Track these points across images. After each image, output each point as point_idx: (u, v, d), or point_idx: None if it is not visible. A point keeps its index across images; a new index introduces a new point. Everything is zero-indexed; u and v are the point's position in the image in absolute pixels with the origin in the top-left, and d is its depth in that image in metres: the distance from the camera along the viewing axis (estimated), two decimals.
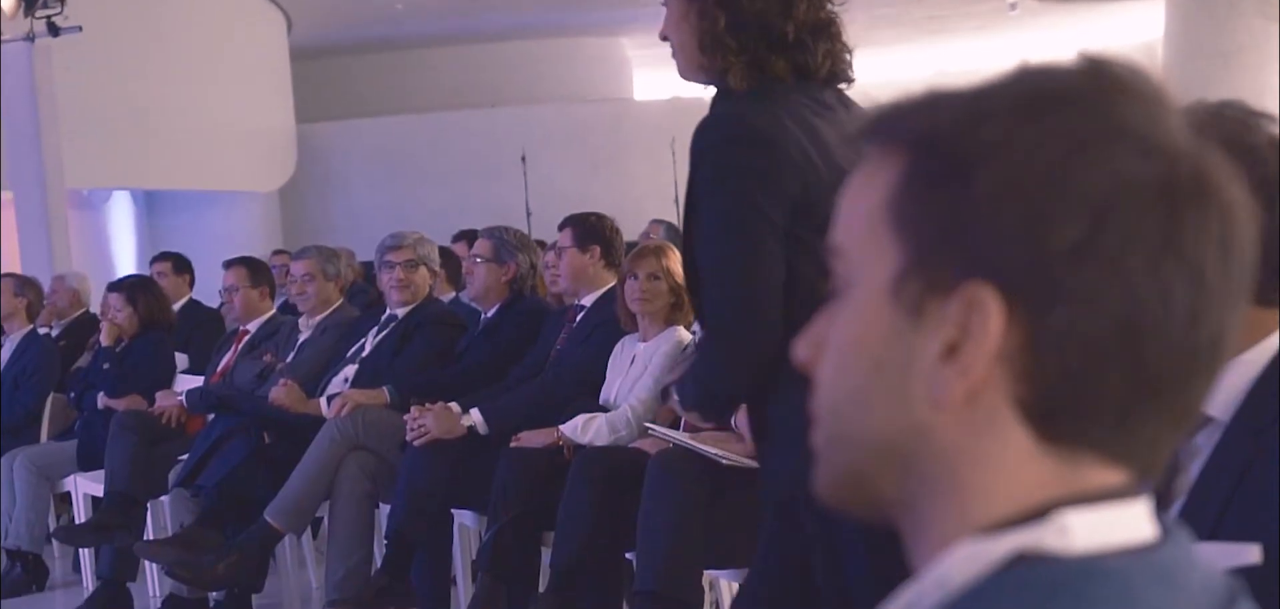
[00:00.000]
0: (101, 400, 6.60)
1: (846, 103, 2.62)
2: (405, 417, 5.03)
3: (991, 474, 0.81)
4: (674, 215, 14.27)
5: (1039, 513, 0.79)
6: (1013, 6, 19.86)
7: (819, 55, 2.53)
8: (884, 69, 25.84)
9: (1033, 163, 0.79)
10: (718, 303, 2.46)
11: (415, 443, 4.94)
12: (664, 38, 2.65)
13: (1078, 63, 0.83)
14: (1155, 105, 0.81)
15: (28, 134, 11.14)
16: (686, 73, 2.61)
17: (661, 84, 24.32)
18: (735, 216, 2.43)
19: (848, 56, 2.60)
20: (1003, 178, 0.79)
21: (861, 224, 0.85)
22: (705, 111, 2.58)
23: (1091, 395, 0.80)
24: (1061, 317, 0.78)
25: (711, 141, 2.47)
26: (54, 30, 10.88)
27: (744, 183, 2.42)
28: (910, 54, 24.68)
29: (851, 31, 2.64)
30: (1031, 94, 0.81)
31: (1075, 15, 21.59)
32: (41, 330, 7.75)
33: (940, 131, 0.82)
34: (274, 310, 6.66)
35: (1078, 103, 0.80)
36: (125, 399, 6.50)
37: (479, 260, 5.51)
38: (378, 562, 5.26)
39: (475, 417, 4.97)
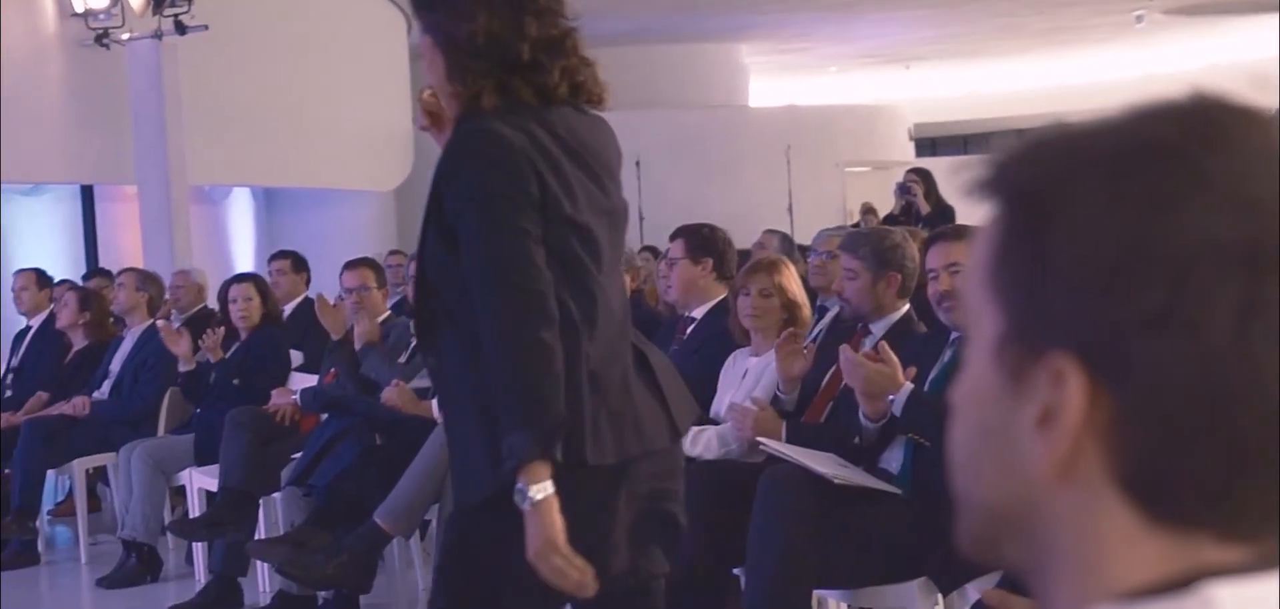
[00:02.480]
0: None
1: (592, 123, 2.69)
2: None
3: (1101, 551, 0.76)
4: (787, 224, 14.20)
5: (1166, 588, 0.74)
6: (1139, 19, 19.51)
7: (555, 75, 2.61)
8: (1005, 80, 25.56)
9: (1110, 225, 0.74)
10: (494, 313, 2.50)
11: None
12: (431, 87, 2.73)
13: (1181, 103, 0.77)
14: (1255, 153, 0.75)
15: (154, 130, 11.34)
16: (448, 106, 2.68)
17: (777, 91, 24.26)
18: (490, 223, 2.51)
19: (587, 74, 2.66)
20: (1080, 241, 0.74)
21: (973, 280, 0.81)
22: (822, 118, 2.57)
23: (1185, 471, 0.74)
24: (1141, 390, 0.73)
25: (459, 157, 2.56)
26: (181, 29, 11.08)
27: (495, 187, 2.51)
28: (1031, 66, 24.35)
29: (970, 42, 2.60)
30: (1122, 145, 0.76)
31: (1202, 28, 21.16)
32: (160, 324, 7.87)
33: (1032, 186, 0.77)
34: (388, 311, 6.71)
35: (1167, 155, 0.75)
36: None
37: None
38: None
39: None
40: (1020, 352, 0.77)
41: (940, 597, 4.00)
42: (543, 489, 2.45)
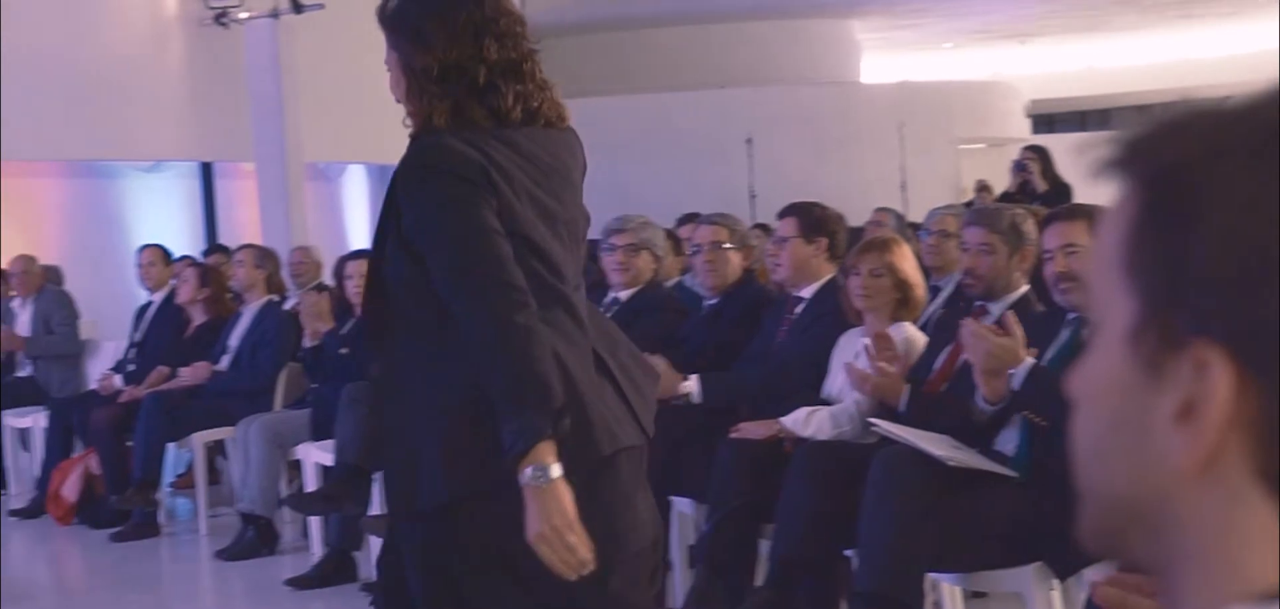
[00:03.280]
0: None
1: (551, 136, 2.74)
2: None
3: (1241, 550, 0.73)
4: (900, 202, 14.06)
5: None
6: None
7: (510, 98, 2.66)
8: (1126, 54, 25.10)
9: (1261, 211, 0.70)
10: (476, 309, 2.54)
11: None
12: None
13: None
14: None
15: (270, 108, 11.50)
16: (409, 115, 2.74)
17: (890, 68, 24.04)
18: (459, 226, 2.56)
19: (541, 98, 2.71)
20: (1230, 227, 0.71)
21: (1103, 264, 0.77)
22: (936, 95, 2.55)
23: None
24: None
25: (418, 169, 2.62)
26: (297, 7, 11.22)
27: (457, 193, 2.57)
28: (1154, 40, 23.87)
29: (1088, 15, 2.54)
30: (1274, 126, 0.72)
31: None
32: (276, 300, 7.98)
33: (1174, 168, 0.73)
34: None
35: None
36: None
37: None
38: None
39: (692, 383, 4.96)
40: (1158, 340, 0.74)
41: (1057, 582, 3.94)
42: (557, 468, 2.46)
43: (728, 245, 5.50)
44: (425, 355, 2.64)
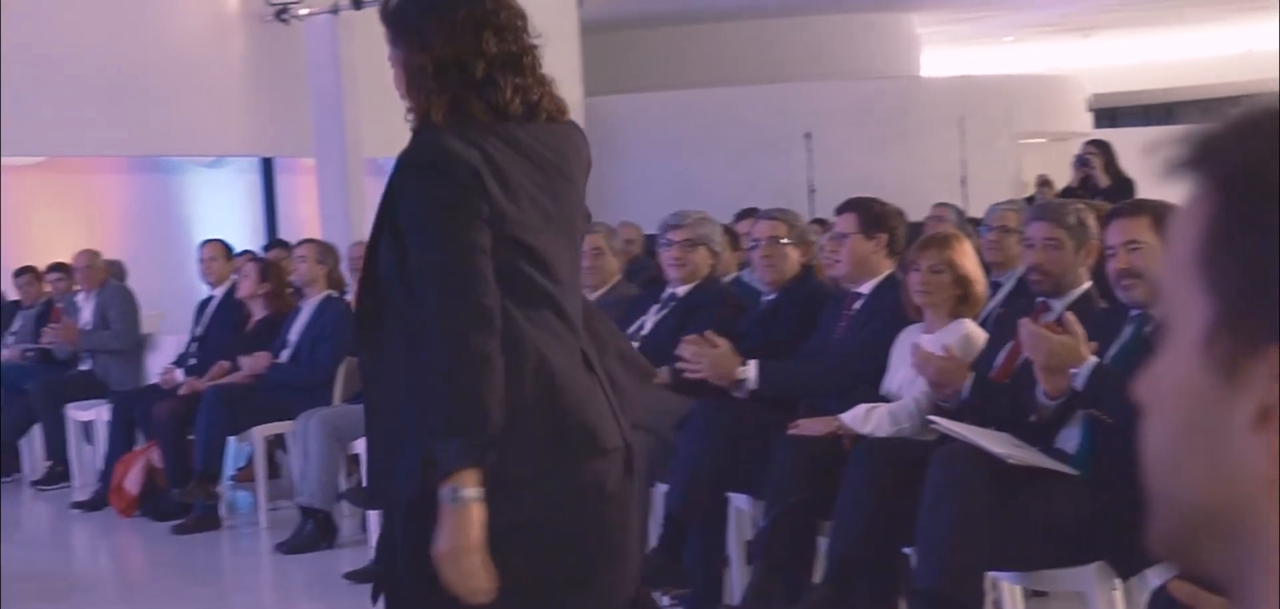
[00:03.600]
0: None
1: (554, 131, 2.73)
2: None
3: None
4: (959, 197, 13.96)
5: None
6: None
7: (509, 92, 2.66)
8: (1190, 48, 24.82)
9: None
10: (438, 319, 2.56)
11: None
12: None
13: None
14: None
15: (331, 104, 11.57)
16: (410, 111, 2.75)
17: (950, 62, 23.88)
18: (440, 231, 2.57)
19: (541, 92, 2.71)
20: None
21: (1176, 266, 0.75)
22: (996, 89, 2.52)
23: None
24: None
25: (412, 166, 2.64)
26: (357, 4, 11.28)
27: (443, 198, 2.58)
28: (1220, 33, 23.59)
29: (1152, 8, 2.50)
30: None
31: None
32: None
33: (1251, 168, 0.71)
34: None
35: None
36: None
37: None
38: (652, 542, 5.26)
39: (750, 369, 4.95)
40: (1234, 344, 0.71)
41: (1119, 582, 3.89)
42: (474, 492, 2.50)
43: (785, 241, 5.48)
44: (412, 349, 2.65)
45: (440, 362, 2.55)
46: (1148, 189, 8.21)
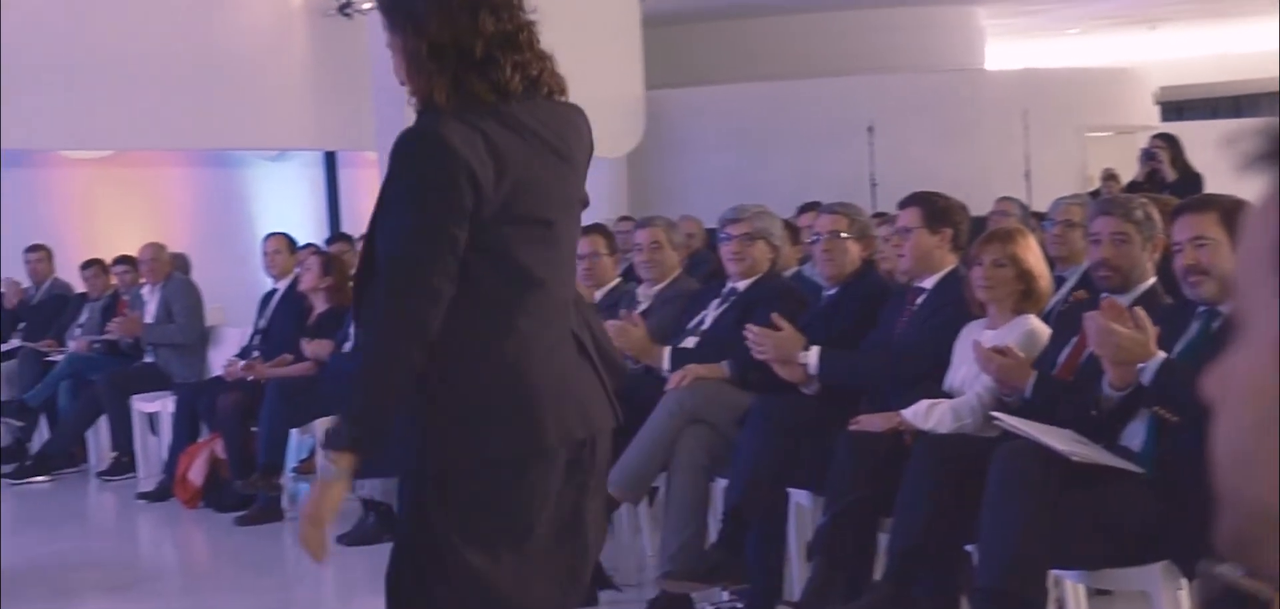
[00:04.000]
0: None
1: (557, 111, 2.75)
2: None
3: None
4: (1023, 191, 13.84)
5: None
6: None
7: (508, 69, 2.67)
8: (1260, 40, 24.48)
9: None
10: (387, 304, 2.62)
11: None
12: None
13: None
14: None
15: (393, 98, 11.56)
16: (412, 95, 2.77)
17: (1014, 54, 23.69)
18: (416, 204, 2.62)
19: (541, 67, 2.71)
20: None
21: (1250, 263, 0.73)
22: (1061, 81, 2.51)
23: None
24: None
25: (404, 149, 2.67)
26: None
27: (428, 178, 2.61)
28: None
29: (1222, 1, 2.46)
30: None
31: None
32: None
33: None
34: (618, 279, 6.73)
35: None
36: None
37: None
38: (712, 536, 5.25)
39: (811, 355, 4.94)
40: None
41: (1185, 581, 3.84)
42: (343, 474, 2.62)
43: (846, 235, 5.44)
44: None
45: (367, 345, 2.66)
46: (1215, 183, 8.09)
